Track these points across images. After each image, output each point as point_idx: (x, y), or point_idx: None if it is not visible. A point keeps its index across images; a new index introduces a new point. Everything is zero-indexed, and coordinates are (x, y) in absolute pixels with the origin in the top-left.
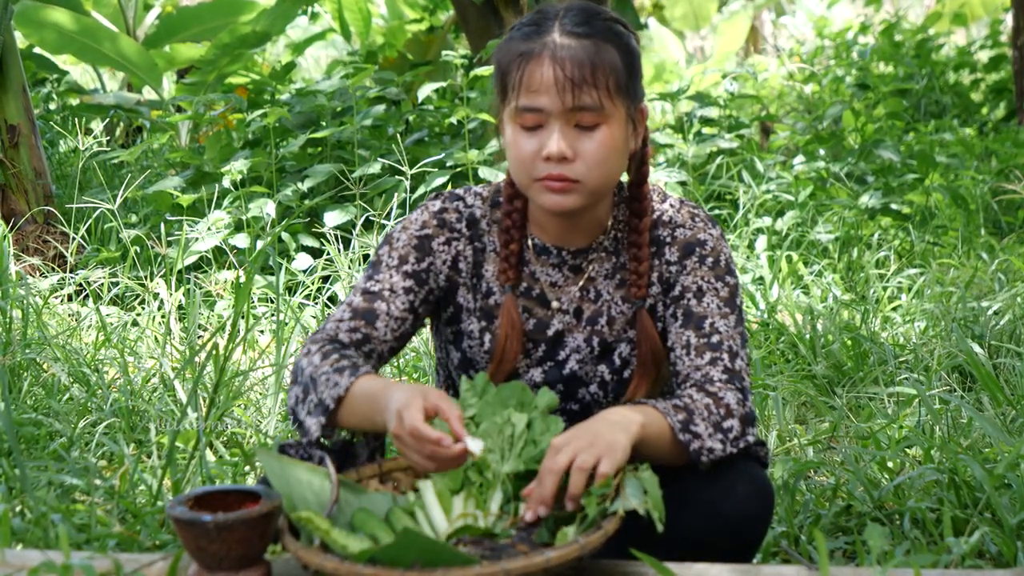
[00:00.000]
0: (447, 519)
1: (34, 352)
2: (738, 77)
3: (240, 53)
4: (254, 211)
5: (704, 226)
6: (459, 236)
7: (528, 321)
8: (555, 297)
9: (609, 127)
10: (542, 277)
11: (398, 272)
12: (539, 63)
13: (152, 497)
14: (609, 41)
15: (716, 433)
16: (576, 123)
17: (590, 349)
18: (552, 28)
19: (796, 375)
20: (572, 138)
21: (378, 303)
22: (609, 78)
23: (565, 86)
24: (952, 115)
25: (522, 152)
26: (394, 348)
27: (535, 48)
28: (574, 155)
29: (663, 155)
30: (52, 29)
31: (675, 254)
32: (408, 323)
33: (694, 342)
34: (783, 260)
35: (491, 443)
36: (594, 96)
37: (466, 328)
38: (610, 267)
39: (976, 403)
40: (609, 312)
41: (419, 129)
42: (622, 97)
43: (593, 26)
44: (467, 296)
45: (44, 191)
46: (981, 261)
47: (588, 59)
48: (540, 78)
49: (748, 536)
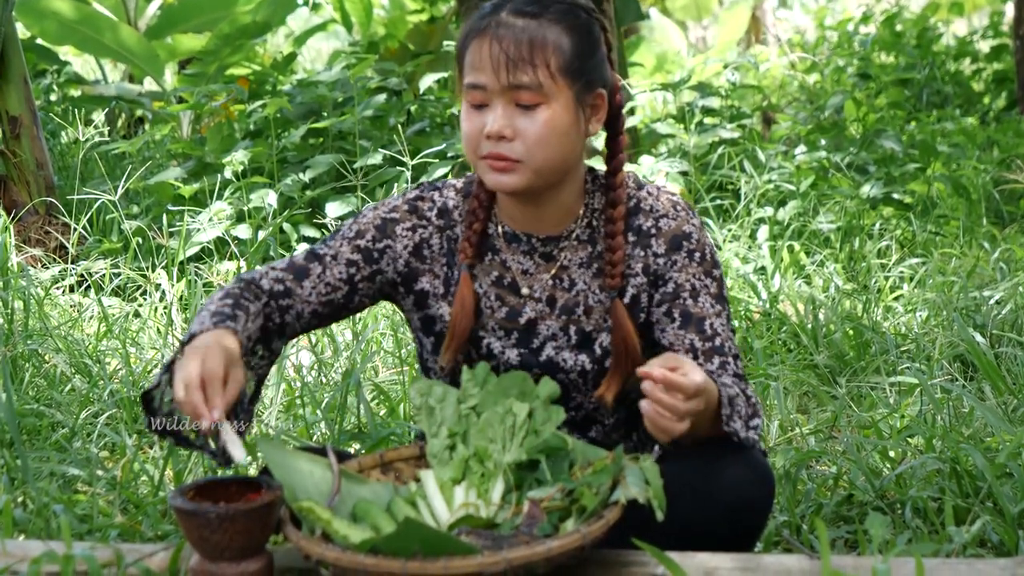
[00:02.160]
0: (449, 509)
1: (36, 343)
2: (740, 67)
3: (241, 43)
4: (255, 202)
5: (687, 216)
6: (427, 224)
7: (500, 309)
8: (526, 284)
9: (550, 108)
10: (513, 265)
11: (350, 244)
12: (482, 40)
13: (154, 487)
14: (558, 22)
15: (745, 424)
16: (516, 102)
17: (567, 338)
18: (504, 7)
19: (798, 365)
20: (512, 117)
21: (315, 264)
22: (551, 58)
23: (501, 63)
24: (954, 105)
25: (468, 129)
26: (317, 312)
27: (483, 25)
28: (513, 134)
29: (665, 145)
30: (53, 19)
31: (662, 246)
32: (341, 294)
33: (699, 346)
34: (785, 250)
35: (493, 433)
36: (531, 75)
37: (435, 313)
38: (585, 256)
39: (978, 392)
40: (586, 302)
41: (420, 119)
42: (567, 78)
43: (545, 6)
44: (434, 283)
45: (46, 182)
46: (983, 250)
47: (527, 37)
48: (481, 55)
49: (749, 523)
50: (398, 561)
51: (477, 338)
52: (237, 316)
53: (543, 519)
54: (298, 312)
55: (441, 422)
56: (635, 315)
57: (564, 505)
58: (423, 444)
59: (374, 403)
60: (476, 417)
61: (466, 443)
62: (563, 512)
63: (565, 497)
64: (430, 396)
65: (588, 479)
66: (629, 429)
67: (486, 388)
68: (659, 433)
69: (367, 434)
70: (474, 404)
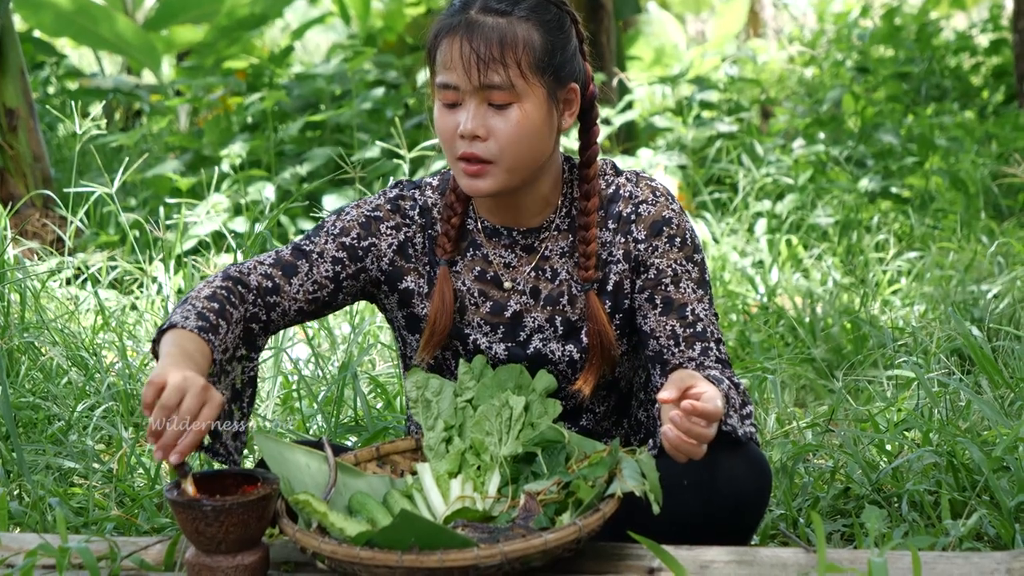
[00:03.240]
0: (445, 502)
1: (32, 336)
2: (738, 60)
3: (238, 36)
4: (253, 195)
5: (666, 201)
6: (411, 223)
7: (485, 304)
8: (509, 278)
9: (523, 106)
10: (494, 259)
11: (335, 241)
12: (453, 40)
13: (150, 480)
14: (528, 19)
15: (740, 417)
16: (488, 101)
17: (553, 329)
18: (473, 4)
19: (795, 358)
20: (485, 116)
21: (302, 262)
22: (522, 57)
23: (472, 63)
24: (952, 98)
25: (442, 129)
26: (303, 311)
27: (453, 23)
28: (486, 134)
29: (663, 138)
30: (50, 11)
31: (642, 232)
32: (326, 291)
33: (681, 332)
34: (782, 244)
35: (489, 426)
36: (503, 74)
37: (419, 312)
38: (566, 245)
39: (975, 386)
40: (570, 291)
41: (418, 112)
42: (539, 75)
43: (515, 3)
44: (418, 281)
45: (43, 175)
46: (981, 244)
47: (498, 37)
48: (452, 55)
49: (746, 516)
50: (394, 554)
51: (463, 334)
52: (219, 327)
53: (539, 512)
54: (284, 309)
55: (437, 415)
56: (619, 302)
57: (560, 498)
58: (419, 437)
59: (371, 396)
60: (472, 410)
61: (462, 436)
62: (559, 505)
63: (561, 490)
64: (426, 389)
65: (584, 472)
66: (620, 416)
67: (482, 381)
68: (680, 457)
69: (363, 427)
70: (470, 397)
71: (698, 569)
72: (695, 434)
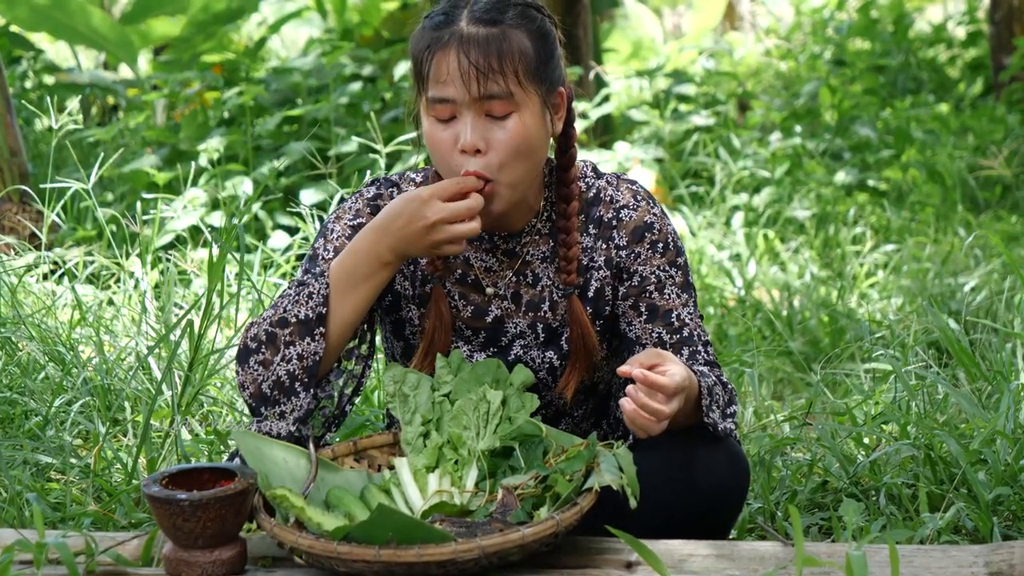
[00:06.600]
0: (422, 496)
1: (9, 331)
2: (715, 54)
3: (215, 30)
4: (230, 189)
5: (648, 205)
6: None
7: (466, 308)
8: (491, 283)
9: (521, 115)
10: (475, 263)
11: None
12: (446, 53)
13: (127, 475)
14: (519, 27)
15: (723, 413)
16: (487, 112)
17: (535, 335)
18: (460, 16)
19: (773, 351)
20: (484, 128)
21: None
22: (518, 65)
23: (471, 75)
24: (929, 91)
25: (438, 144)
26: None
27: (443, 37)
28: (487, 146)
29: (639, 132)
30: (25, 5)
31: (624, 238)
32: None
33: (667, 339)
34: (760, 237)
35: (467, 420)
36: (502, 84)
37: (405, 316)
38: (547, 250)
39: (952, 379)
40: (551, 297)
41: (395, 107)
42: (534, 83)
43: (502, 12)
44: (403, 283)
45: (19, 170)
46: (957, 237)
47: (494, 47)
48: (447, 68)
49: (724, 510)
50: (372, 549)
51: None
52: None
53: (517, 506)
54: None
55: (415, 409)
56: (599, 308)
57: (538, 492)
58: (397, 431)
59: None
60: (450, 404)
61: (440, 430)
62: (537, 499)
63: (539, 484)
64: (404, 383)
65: (562, 466)
66: (599, 418)
67: (460, 375)
68: (638, 431)
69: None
70: (448, 392)
71: (676, 563)
72: (651, 409)
